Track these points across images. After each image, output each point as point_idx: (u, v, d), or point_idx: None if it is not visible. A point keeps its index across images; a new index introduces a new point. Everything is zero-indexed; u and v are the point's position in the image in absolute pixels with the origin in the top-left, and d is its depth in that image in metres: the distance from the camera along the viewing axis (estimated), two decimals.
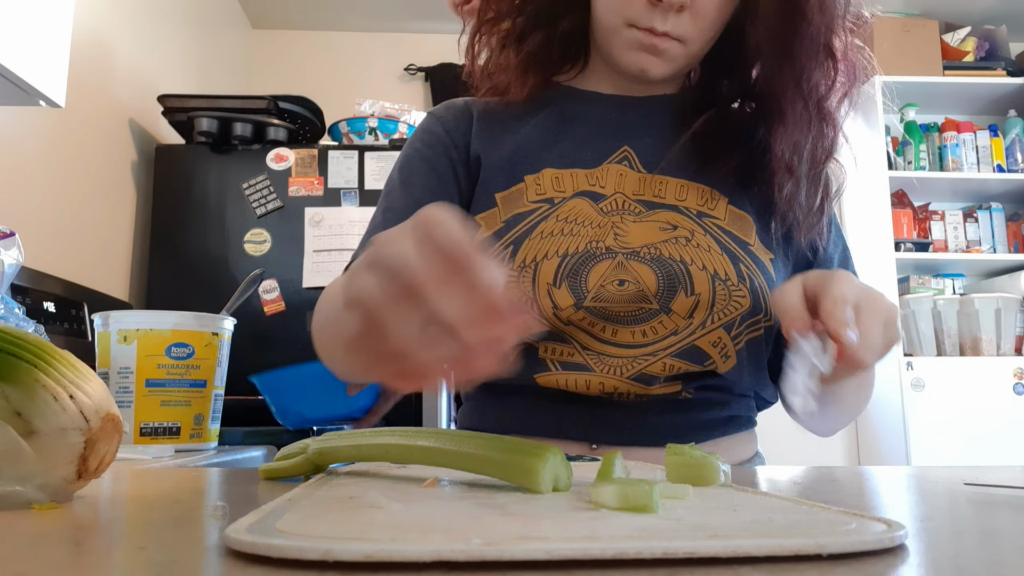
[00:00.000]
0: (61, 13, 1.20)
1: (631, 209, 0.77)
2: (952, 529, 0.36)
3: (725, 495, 0.40)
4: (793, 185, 0.77)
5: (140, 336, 0.93)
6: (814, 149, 0.77)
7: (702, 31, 0.76)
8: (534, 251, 0.74)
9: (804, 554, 0.26)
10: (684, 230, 0.75)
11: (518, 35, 0.85)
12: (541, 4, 0.84)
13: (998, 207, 3.33)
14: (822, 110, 0.76)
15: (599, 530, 0.28)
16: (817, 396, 0.57)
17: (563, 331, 0.74)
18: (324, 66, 3.37)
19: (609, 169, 0.80)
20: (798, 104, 0.75)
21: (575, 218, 0.76)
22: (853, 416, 0.81)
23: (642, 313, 0.73)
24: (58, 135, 1.73)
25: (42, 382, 0.41)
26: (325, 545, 0.25)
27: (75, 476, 0.41)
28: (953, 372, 2.92)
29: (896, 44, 3.21)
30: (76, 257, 1.80)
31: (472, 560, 0.24)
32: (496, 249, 0.76)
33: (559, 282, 0.73)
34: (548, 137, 0.83)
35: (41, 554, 0.28)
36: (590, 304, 0.72)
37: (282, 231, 2.10)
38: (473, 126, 0.85)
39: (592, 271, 0.73)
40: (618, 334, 0.73)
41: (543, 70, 0.86)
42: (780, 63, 0.75)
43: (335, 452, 0.52)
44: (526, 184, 0.79)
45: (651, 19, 0.74)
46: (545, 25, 0.85)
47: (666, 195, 0.78)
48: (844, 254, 0.87)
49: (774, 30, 0.74)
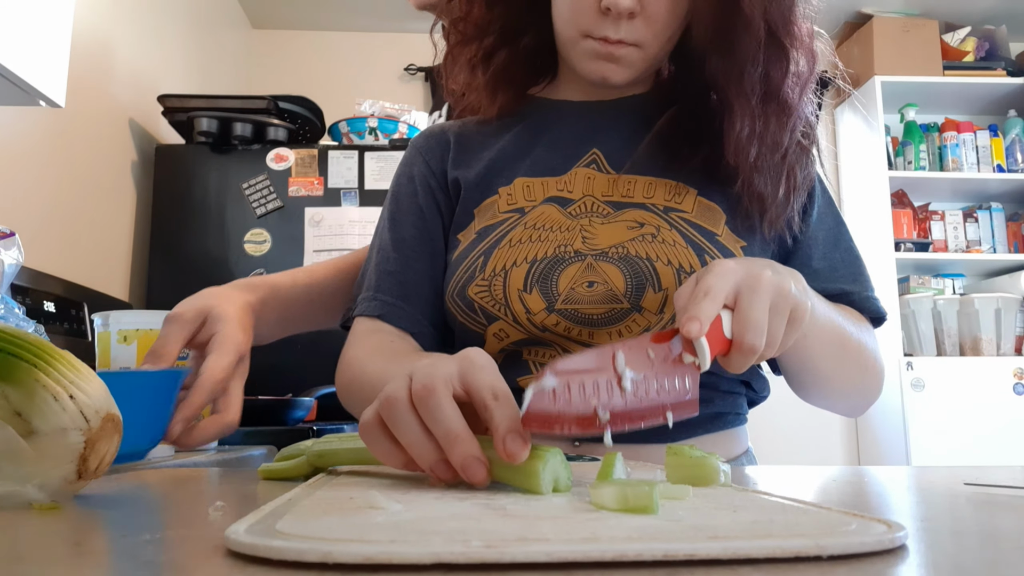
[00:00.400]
0: (61, 13, 1.20)
1: (599, 211, 0.78)
2: (952, 529, 0.36)
3: (725, 495, 0.40)
4: (753, 177, 0.76)
5: (140, 336, 0.93)
6: (770, 141, 0.76)
7: (656, 34, 0.77)
8: (503, 259, 0.76)
9: (804, 555, 0.26)
10: (651, 227, 0.76)
11: (485, 55, 0.86)
12: (505, 23, 0.85)
13: (998, 207, 3.34)
14: (778, 101, 0.76)
15: (599, 531, 0.28)
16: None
17: (541, 337, 0.75)
18: (324, 66, 3.37)
19: (577, 173, 0.81)
20: (743, 97, 0.75)
21: (543, 224, 0.77)
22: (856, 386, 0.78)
23: (614, 313, 0.73)
24: (58, 135, 1.73)
25: (42, 382, 0.41)
26: (325, 547, 0.25)
27: (75, 476, 0.41)
28: (953, 372, 2.93)
29: (896, 44, 3.21)
30: (76, 257, 1.80)
31: (472, 562, 0.24)
32: (470, 260, 0.78)
33: (530, 287, 0.74)
34: (520, 149, 0.85)
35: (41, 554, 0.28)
36: (562, 307, 0.73)
37: (282, 231, 2.10)
38: (450, 151, 0.87)
39: (562, 275, 0.74)
40: (595, 336, 0.74)
41: (512, 86, 0.88)
42: (722, 57, 0.75)
43: (335, 455, 0.52)
44: (499, 196, 0.81)
45: (604, 28, 0.75)
46: (510, 43, 0.86)
47: (634, 194, 0.79)
48: (835, 231, 0.84)
49: (713, 28, 0.75)
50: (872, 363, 0.78)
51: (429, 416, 0.42)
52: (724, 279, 0.52)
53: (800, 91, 0.77)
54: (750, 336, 0.52)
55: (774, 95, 0.75)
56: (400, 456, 0.44)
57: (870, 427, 3.15)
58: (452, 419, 0.42)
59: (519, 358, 0.76)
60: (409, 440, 0.43)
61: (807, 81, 0.77)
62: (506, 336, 0.76)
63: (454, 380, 0.44)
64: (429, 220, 0.85)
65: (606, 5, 0.73)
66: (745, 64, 0.74)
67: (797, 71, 0.76)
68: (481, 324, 0.77)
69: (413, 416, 0.43)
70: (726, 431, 0.79)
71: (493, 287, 0.75)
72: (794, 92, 0.76)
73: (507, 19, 0.85)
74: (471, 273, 0.77)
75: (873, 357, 0.78)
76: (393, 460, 0.44)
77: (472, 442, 0.41)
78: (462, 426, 0.41)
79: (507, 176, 0.82)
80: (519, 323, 0.75)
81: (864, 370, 0.77)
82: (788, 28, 0.75)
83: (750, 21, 0.72)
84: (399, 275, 0.82)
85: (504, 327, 0.76)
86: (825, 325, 0.69)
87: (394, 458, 0.44)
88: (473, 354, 0.46)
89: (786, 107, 0.76)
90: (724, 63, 0.75)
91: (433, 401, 0.42)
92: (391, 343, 0.79)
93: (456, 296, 0.78)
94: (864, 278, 0.82)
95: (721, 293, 0.52)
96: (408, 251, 0.83)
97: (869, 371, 0.78)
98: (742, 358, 0.53)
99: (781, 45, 0.75)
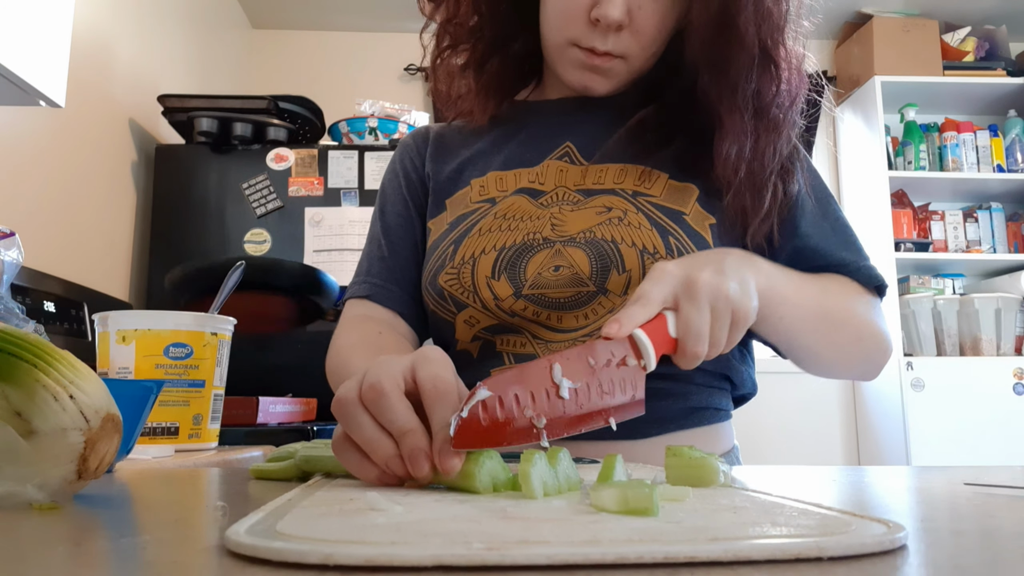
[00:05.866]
0: (61, 13, 1.20)
1: (570, 199, 0.79)
2: (952, 529, 0.35)
3: (725, 496, 0.40)
4: (738, 192, 0.76)
5: (138, 336, 0.93)
6: (759, 158, 0.76)
7: (643, 48, 0.77)
8: (472, 247, 0.78)
9: (804, 556, 0.26)
10: (618, 211, 0.77)
11: (477, 61, 0.88)
12: (496, 29, 0.86)
13: (998, 207, 3.33)
14: (768, 119, 0.76)
15: (600, 533, 0.28)
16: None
17: (511, 323, 0.76)
18: (324, 66, 3.37)
19: (549, 165, 0.82)
20: (736, 113, 0.75)
21: (513, 214, 0.79)
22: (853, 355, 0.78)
23: (581, 296, 0.74)
24: (58, 135, 1.73)
25: (42, 382, 0.41)
26: (326, 549, 0.25)
27: (75, 476, 0.41)
28: (953, 372, 2.92)
29: (896, 44, 3.21)
30: (76, 257, 1.80)
31: (473, 564, 0.24)
32: (440, 249, 0.81)
33: (498, 274, 0.76)
34: (496, 146, 0.87)
35: (41, 554, 0.28)
36: (528, 292, 0.75)
37: (282, 231, 2.09)
38: (428, 147, 0.91)
39: (530, 261, 0.76)
40: (563, 320, 0.75)
41: (503, 93, 0.90)
42: (716, 75, 0.75)
43: (320, 461, 0.52)
44: (472, 187, 0.84)
45: (592, 39, 0.76)
46: (501, 50, 0.87)
47: (605, 180, 0.80)
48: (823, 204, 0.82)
49: (708, 43, 0.75)
50: (869, 329, 0.77)
51: (379, 414, 0.43)
52: (660, 284, 0.55)
53: (788, 109, 0.77)
54: (691, 342, 0.55)
55: (764, 113, 0.76)
56: (372, 469, 0.44)
57: (870, 427, 3.15)
58: (400, 414, 0.43)
59: (493, 349, 0.78)
60: (363, 437, 0.43)
61: (795, 100, 0.78)
62: (476, 322, 0.78)
63: (406, 375, 0.45)
64: (412, 210, 0.89)
65: (595, 16, 0.74)
66: (738, 81, 0.74)
67: (787, 90, 0.77)
68: (451, 312, 0.79)
69: (366, 415, 0.44)
70: (706, 427, 0.78)
71: (462, 275, 0.78)
72: (782, 110, 0.77)
73: (497, 23, 0.86)
74: (442, 262, 0.80)
75: (868, 323, 0.77)
76: (364, 473, 0.44)
77: (421, 436, 0.42)
78: (411, 420, 0.43)
79: (481, 169, 0.85)
80: (488, 309, 0.76)
81: (859, 338, 0.77)
82: (778, 47, 0.76)
83: (744, 38, 0.73)
84: (387, 260, 0.87)
85: (473, 314, 0.77)
86: (801, 302, 0.70)
87: (365, 470, 0.44)
88: (427, 350, 0.48)
89: (775, 125, 0.76)
90: (717, 79, 0.75)
91: (383, 400, 0.43)
92: (377, 336, 0.81)
93: (428, 285, 0.81)
94: (856, 248, 0.82)
95: (655, 298, 0.54)
96: (395, 238, 0.88)
97: (866, 338, 0.77)
98: (687, 361, 0.56)
99: (772, 63, 0.75)
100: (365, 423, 0.43)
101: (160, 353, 0.93)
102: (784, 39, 0.76)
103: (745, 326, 0.59)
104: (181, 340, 0.94)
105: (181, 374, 0.94)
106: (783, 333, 0.71)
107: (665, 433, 0.76)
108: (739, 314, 0.58)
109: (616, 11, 0.72)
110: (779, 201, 0.78)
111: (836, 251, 0.80)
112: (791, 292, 0.69)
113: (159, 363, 0.93)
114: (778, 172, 0.78)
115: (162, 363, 0.93)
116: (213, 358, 0.97)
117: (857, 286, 0.80)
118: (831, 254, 0.80)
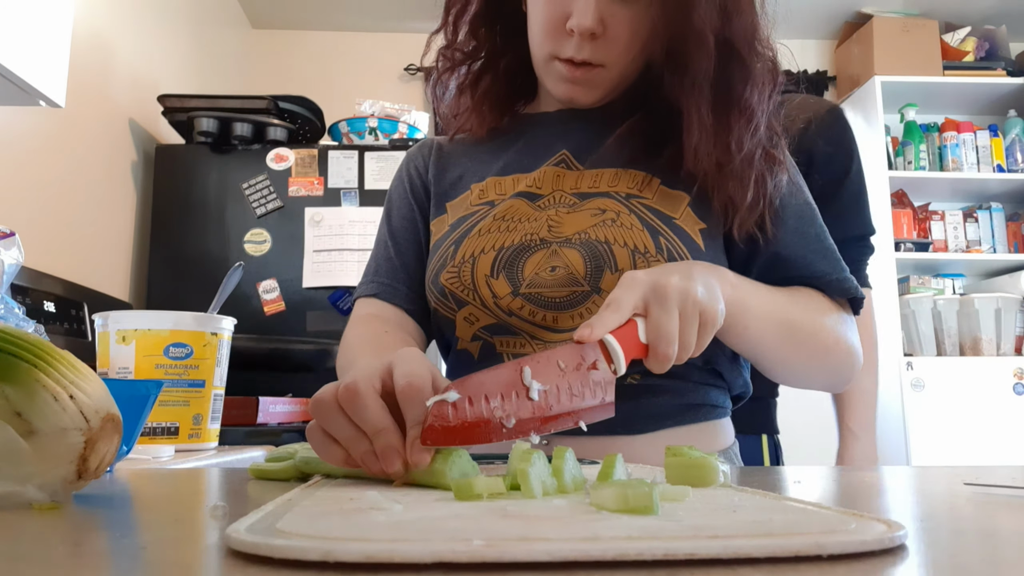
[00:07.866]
0: (61, 13, 1.20)
1: (566, 202, 0.81)
2: (952, 529, 0.36)
3: (725, 495, 0.40)
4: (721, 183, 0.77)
5: (138, 336, 0.93)
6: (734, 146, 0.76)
7: (620, 54, 0.79)
8: (472, 247, 0.81)
9: (804, 555, 0.26)
10: (611, 212, 0.79)
11: (472, 81, 0.92)
12: (489, 49, 0.91)
13: (998, 207, 3.33)
14: (739, 107, 0.77)
15: (600, 531, 0.28)
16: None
17: (508, 322, 0.78)
18: (324, 66, 3.37)
19: (546, 171, 0.85)
20: (697, 109, 0.76)
21: (511, 216, 0.82)
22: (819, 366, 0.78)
23: (576, 296, 0.76)
24: (58, 135, 1.73)
25: (42, 382, 0.41)
26: (326, 546, 0.25)
27: (75, 476, 0.41)
28: (953, 372, 2.92)
29: (896, 44, 3.21)
30: (76, 257, 1.80)
31: (473, 561, 0.24)
32: (442, 249, 0.84)
33: (496, 273, 0.79)
34: (496, 155, 0.91)
35: (41, 554, 0.28)
36: (526, 291, 0.77)
37: (282, 231, 2.09)
38: (432, 156, 0.95)
39: (528, 261, 0.78)
40: (558, 320, 0.77)
41: (498, 106, 0.93)
42: (676, 73, 0.77)
43: (319, 463, 0.52)
44: (472, 191, 0.88)
45: (568, 49, 0.78)
46: (493, 66, 0.91)
47: (600, 184, 0.82)
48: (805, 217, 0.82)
49: (665, 43, 0.77)
50: (836, 342, 0.77)
51: (354, 414, 0.46)
52: (630, 291, 0.57)
53: (759, 97, 0.78)
54: (662, 345, 0.56)
55: (735, 103, 0.77)
56: (338, 451, 0.47)
57: None
58: (373, 413, 0.45)
59: (493, 350, 0.80)
60: (340, 437, 0.47)
61: (769, 88, 0.78)
62: (476, 320, 0.80)
63: (383, 375, 0.48)
64: (417, 213, 0.92)
65: (570, 26, 0.77)
66: (697, 77, 0.76)
67: (759, 78, 0.77)
68: (452, 309, 0.82)
69: (341, 415, 0.46)
70: (702, 423, 0.80)
71: (462, 273, 0.80)
72: (753, 98, 0.77)
73: (490, 45, 0.90)
74: (443, 261, 0.83)
75: (836, 336, 0.77)
76: (331, 456, 0.48)
77: (393, 434, 0.45)
78: (383, 419, 0.45)
79: (480, 175, 0.89)
80: (487, 307, 0.79)
81: (826, 350, 0.77)
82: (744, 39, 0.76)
83: (701, 36, 0.74)
84: (394, 260, 0.90)
85: (473, 311, 0.80)
86: (767, 314, 0.71)
87: (331, 453, 0.47)
88: (405, 350, 0.50)
89: (746, 112, 0.77)
90: (679, 78, 0.77)
91: (358, 401, 0.46)
92: (383, 334, 0.84)
93: (431, 283, 0.84)
94: (834, 260, 0.82)
95: (626, 304, 0.56)
96: (401, 239, 0.91)
97: (832, 350, 0.77)
98: (658, 364, 0.57)
99: (739, 57, 0.76)
100: (341, 423, 0.46)
101: (160, 353, 0.93)
102: (749, 30, 0.77)
103: (714, 328, 0.61)
104: (181, 340, 0.94)
105: (181, 374, 0.94)
106: (748, 343, 0.72)
107: (663, 429, 0.77)
108: (707, 316, 0.60)
109: (588, 19, 0.75)
110: (767, 189, 0.78)
111: (814, 262, 0.80)
112: (756, 303, 0.70)
113: (159, 363, 0.93)
114: (761, 157, 0.78)
115: (162, 363, 0.93)
116: (213, 358, 0.97)
117: (829, 301, 0.80)
118: (809, 265, 0.80)
